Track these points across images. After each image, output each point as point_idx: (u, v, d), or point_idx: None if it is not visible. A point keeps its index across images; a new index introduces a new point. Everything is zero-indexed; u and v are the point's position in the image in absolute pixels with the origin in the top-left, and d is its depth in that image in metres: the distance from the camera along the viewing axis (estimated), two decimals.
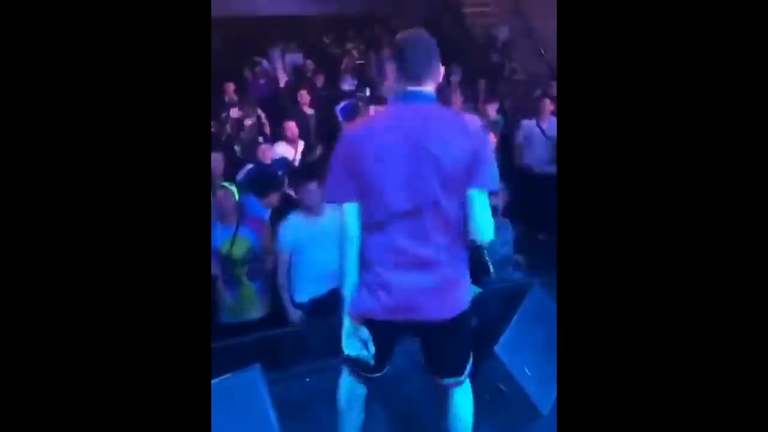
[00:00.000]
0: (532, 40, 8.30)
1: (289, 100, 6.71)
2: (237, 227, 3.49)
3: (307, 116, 6.20)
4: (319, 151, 5.57)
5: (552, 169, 5.33)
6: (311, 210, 3.42)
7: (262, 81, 7.75)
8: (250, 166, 4.83)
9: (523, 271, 4.04)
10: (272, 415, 2.15)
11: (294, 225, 3.39)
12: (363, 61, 8.47)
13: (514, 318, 2.65)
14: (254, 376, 2.22)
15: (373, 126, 1.85)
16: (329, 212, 3.47)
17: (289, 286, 3.38)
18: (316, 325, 3.19)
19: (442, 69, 1.85)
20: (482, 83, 7.12)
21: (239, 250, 3.43)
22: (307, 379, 2.77)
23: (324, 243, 3.44)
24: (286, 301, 3.37)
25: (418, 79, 1.79)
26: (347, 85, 7.42)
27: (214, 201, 3.54)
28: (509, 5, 8.83)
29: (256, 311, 3.47)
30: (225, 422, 2.06)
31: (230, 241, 3.42)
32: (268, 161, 4.90)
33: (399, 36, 1.84)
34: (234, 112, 5.97)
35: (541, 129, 5.52)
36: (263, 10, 9.52)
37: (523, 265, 4.23)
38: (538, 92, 6.52)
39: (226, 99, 6.50)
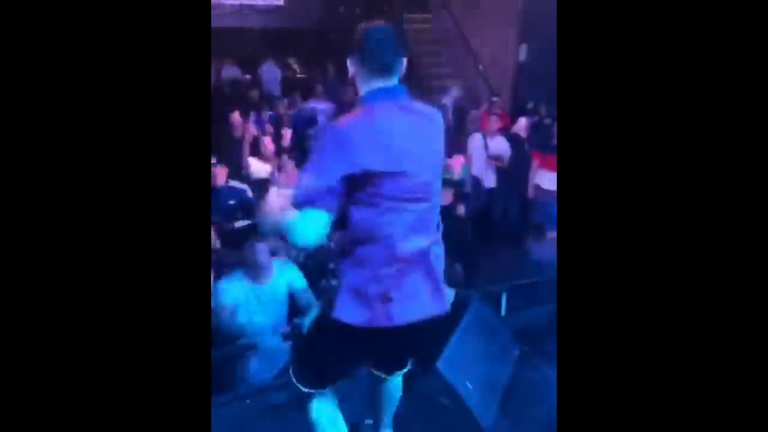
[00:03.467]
0: (469, 57, 8.53)
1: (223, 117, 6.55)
2: None
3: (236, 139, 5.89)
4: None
5: (489, 184, 5.52)
6: (257, 274, 3.13)
7: None
8: None
9: (460, 281, 4.10)
10: None
11: (236, 288, 3.12)
12: (304, 75, 8.47)
13: (455, 332, 2.68)
14: None
15: (368, 120, 1.67)
16: (277, 275, 3.20)
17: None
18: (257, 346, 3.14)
19: (405, 61, 1.76)
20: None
21: None
22: (248, 401, 2.71)
23: (267, 310, 3.17)
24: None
25: (385, 74, 1.69)
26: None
27: None
28: (451, 24, 9.01)
29: None
30: None
31: None
32: (219, 185, 4.48)
33: (363, 27, 1.73)
34: None
35: (485, 144, 5.69)
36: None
37: (460, 274, 4.29)
38: (482, 108, 6.71)
39: None
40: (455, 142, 6.03)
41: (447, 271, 3.80)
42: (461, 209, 4.57)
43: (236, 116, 5.80)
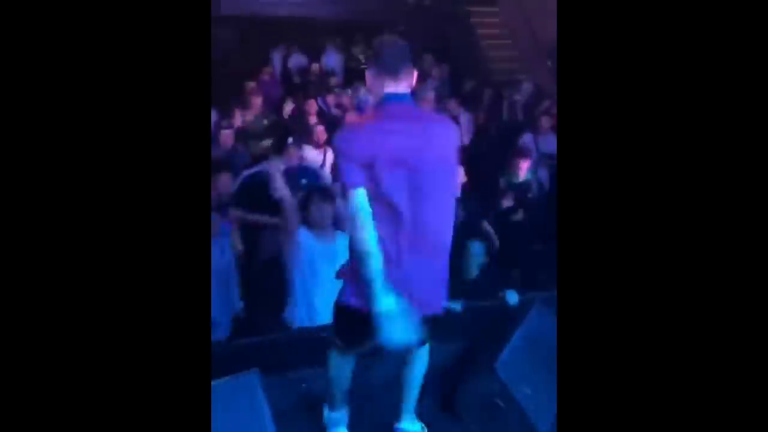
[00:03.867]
0: (538, 52, 8.34)
1: (295, 105, 6.68)
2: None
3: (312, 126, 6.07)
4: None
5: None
6: (321, 230, 3.28)
7: (267, 79, 7.72)
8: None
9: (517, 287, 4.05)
10: (269, 420, 2.14)
11: (305, 240, 3.25)
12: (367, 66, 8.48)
13: (515, 335, 2.64)
14: (252, 380, 2.21)
15: (372, 124, 1.93)
16: (340, 240, 3.30)
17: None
18: (315, 331, 3.17)
19: (415, 73, 1.99)
20: (487, 94, 7.16)
21: None
22: (304, 385, 2.75)
23: (333, 267, 3.31)
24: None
25: (394, 76, 1.91)
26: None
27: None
28: (516, 16, 8.85)
29: None
30: (222, 426, 2.05)
31: None
32: (294, 162, 4.66)
33: (377, 40, 2.02)
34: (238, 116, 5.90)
35: (536, 144, 5.59)
36: (277, 11, 9.58)
37: (517, 279, 4.22)
38: (540, 108, 6.58)
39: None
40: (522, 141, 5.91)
41: (504, 275, 3.74)
42: (520, 214, 4.48)
43: (312, 104, 6.10)
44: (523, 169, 4.80)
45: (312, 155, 5.21)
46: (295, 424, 2.45)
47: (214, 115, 5.83)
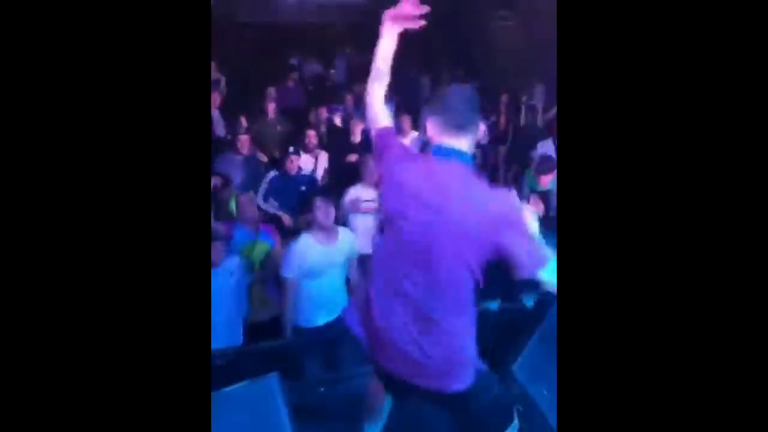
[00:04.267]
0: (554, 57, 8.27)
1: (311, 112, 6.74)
2: (257, 232, 3.53)
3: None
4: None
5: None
6: (324, 232, 3.27)
7: (292, 86, 7.78)
8: (273, 173, 4.81)
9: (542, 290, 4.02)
10: (287, 423, 2.16)
11: (305, 248, 3.25)
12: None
13: (533, 337, 2.63)
14: (271, 384, 2.24)
15: (415, 161, 1.79)
16: (342, 238, 3.39)
17: (295, 313, 3.28)
18: (334, 337, 3.20)
19: (482, 126, 1.86)
20: (504, 97, 7.14)
21: (258, 254, 3.46)
22: (321, 389, 2.77)
23: (335, 270, 3.34)
24: (287, 328, 3.26)
25: (457, 130, 1.72)
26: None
27: (238, 204, 3.59)
28: (533, 21, 8.80)
29: (265, 312, 3.47)
30: (241, 429, 2.08)
31: (251, 244, 3.46)
32: (293, 172, 4.78)
33: (444, 88, 1.86)
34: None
35: (555, 150, 5.58)
36: (294, 17, 9.68)
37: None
38: (553, 112, 6.55)
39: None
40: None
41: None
42: (540, 207, 4.49)
43: (322, 111, 6.23)
44: (546, 179, 4.79)
45: (305, 159, 5.24)
46: (313, 428, 2.46)
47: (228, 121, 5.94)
